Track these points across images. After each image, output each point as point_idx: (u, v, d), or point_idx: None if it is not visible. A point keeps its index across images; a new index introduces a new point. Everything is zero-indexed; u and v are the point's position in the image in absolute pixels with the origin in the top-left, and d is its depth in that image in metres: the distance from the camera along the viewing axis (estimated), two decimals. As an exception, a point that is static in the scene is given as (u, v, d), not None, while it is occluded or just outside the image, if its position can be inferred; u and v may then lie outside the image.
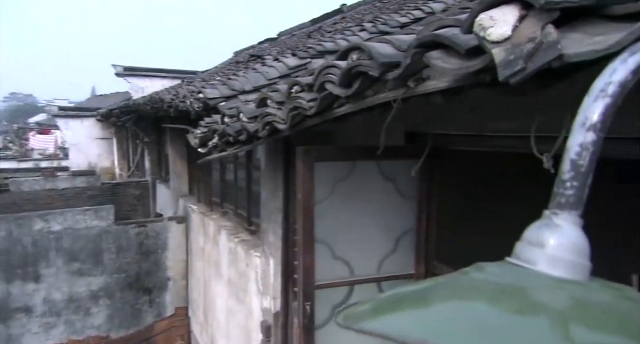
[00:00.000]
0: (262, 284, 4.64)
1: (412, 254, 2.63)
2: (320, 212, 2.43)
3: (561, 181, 0.46)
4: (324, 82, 1.79)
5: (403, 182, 2.56)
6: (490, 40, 0.95)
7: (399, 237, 2.59)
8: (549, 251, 0.44)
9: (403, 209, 2.58)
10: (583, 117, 0.47)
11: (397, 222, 2.58)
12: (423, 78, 1.43)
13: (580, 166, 0.45)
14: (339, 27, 6.19)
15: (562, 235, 0.45)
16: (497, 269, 0.47)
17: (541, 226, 0.47)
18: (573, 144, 0.46)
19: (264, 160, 4.34)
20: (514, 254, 0.48)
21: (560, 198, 0.46)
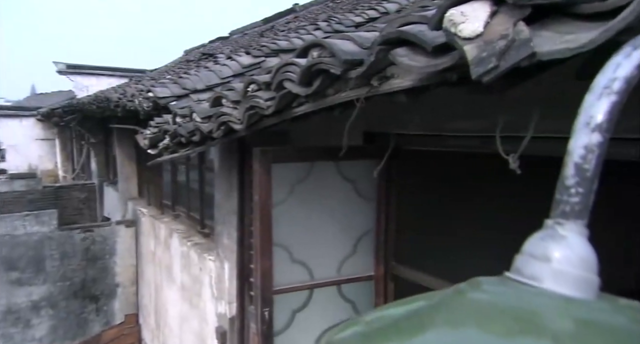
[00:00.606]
0: (216, 289, 4.51)
1: (371, 256, 2.60)
2: (278, 215, 2.36)
3: (564, 187, 0.42)
4: (282, 81, 1.73)
5: (362, 182, 2.53)
6: (461, 37, 0.92)
7: (359, 238, 2.56)
8: (556, 265, 0.40)
9: (362, 210, 2.55)
10: (586, 117, 0.43)
11: (357, 224, 2.55)
12: (387, 76, 1.39)
13: (585, 170, 0.41)
14: (292, 26, 6.12)
15: (569, 248, 0.40)
16: (498, 288, 0.42)
17: (545, 238, 0.42)
18: (576, 146, 0.42)
19: (218, 161, 4.21)
20: (515, 269, 0.43)
21: (564, 206, 0.41)
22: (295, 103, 1.80)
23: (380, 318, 0.44)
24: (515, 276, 0.42)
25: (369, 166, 2.53)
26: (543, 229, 0.44)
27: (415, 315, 0.41)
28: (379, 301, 2.64)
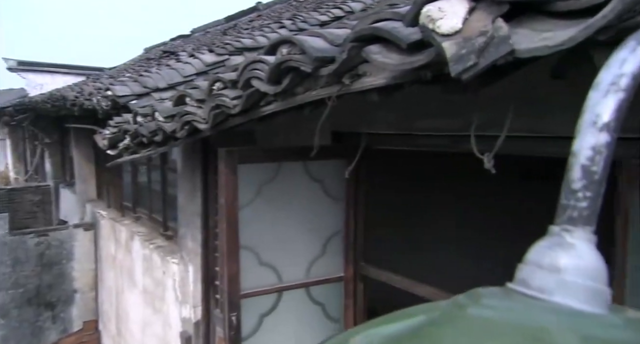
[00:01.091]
0: (180, 293, 4.39)
1: (340, 257, 2.57)
2: (245, 217, 2.29)
3: (571, 190, 0.38)
4: (249, 79, 1.67)
5: (331, 183, 2.49)
6: (439, 33, 0.89)
7: (327, 239, 2.52)
8: (566, 277, 0.37)
9: (331, 210, 2.51)
10: (592, 116, 0.40)
11: (325, 225, 2.51)
12: (359, 74, 1.35)
13: (593, 173, 0.38)
14: (256, 24, 6.03)
15: (579, 257, 0.37)
16: (502, 302, 0.39)
17: (552, 246, 0.39)
18: (583, 147, 0.39)
19: (181, 162, 4.09)
20: (519, 280, 0.40)
21: (571, 212, 0.38)
22: (263, 102, 1.74)
23: (374, 336, 0.40)
24: (520, 288, 0.39)
25: (338, 166, 2.50)
26: (548, 236, 0.40)
27: (414, 335, 0.37)
28: (348, 302, 2.61)
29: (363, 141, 2.05)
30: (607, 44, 0.91)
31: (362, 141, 2.06)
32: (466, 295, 0.42)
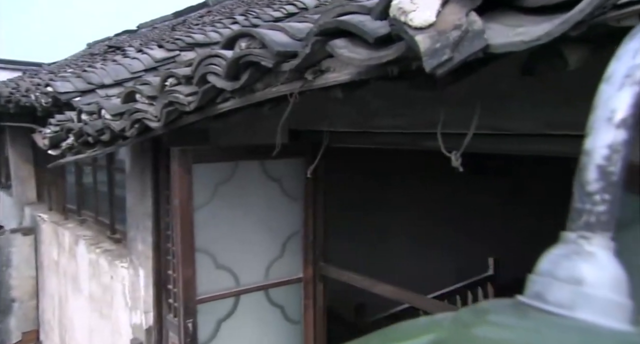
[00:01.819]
0: (130, 298, 4.20)
1: (299, 257, 2.52)
2: (200, 219, 2.20)
3: (586, 193, 0.35)
4: (205, 74, 1.59)
5: (289, 182, 2.44)
6: (412, 26, 0.85)
7: (286, 240, 2.46)
8: (589, 289, 0.33)
9: (289, 210, 2.46)
10: (607, 111, 0.36)
11: (284, 225, 2.45)
12: (322, 70, 1.30)
13: (610, 173, 0.34)
14: (207, 20, 5.87)
15: (600, 267, 0.34)
16: (516, 320, 0.35)
17: (569, 255, 0.35)
18: (598, 145, 0.36)
19: (129, 161, 3.91)
20: (532, 293, 0.36)
21: (588, 216, 0.35)
22: (220, 99, 1.66)
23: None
24: (534, 303, 0.35)
25: (296, 165, 2.45)
26: (563, 243, 0.37)
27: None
28: (308, 303, 2.56)
29: (325, 139, 2.01)
30: (577, 40, 0.91)
31: (324, 139, 2.02)
32: (470, 311, 0.38)
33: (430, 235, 5.04)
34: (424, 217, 4.95)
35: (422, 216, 4.92)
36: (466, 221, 5.47)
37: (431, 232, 5.05)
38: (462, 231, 5.44)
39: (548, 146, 1.62)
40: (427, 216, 5.00)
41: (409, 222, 4.76)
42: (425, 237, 5.01)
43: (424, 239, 5.00)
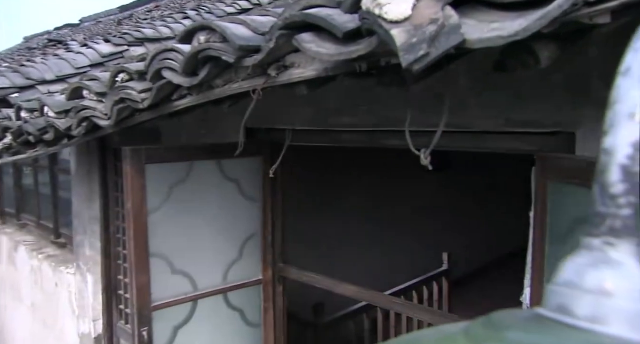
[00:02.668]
0: (78, 306, 4.00)
1: (258, 259, 2.46)
2: (155, 222, 2.10)
3: (610, 196, 0.32)
4: (160, 70, 1.50)
5: (246, 182, 2.37)
6: (387, 20, 0.82)
7: (245, 242, 2.40)
8: (619, 301, 0.30)
9: (248, 211, 2.39)
10: (628, 107, 0.34)
11: (242, 226, 2.38)
12: (286, 66, 1.26)
13: (635, 174, 0.32)
14: (155, 15, 5.67)
15: (630, 276, 0.31)
16: (540, 336, 0.31)
17: (595, 263, 0.32)
18: (620, 144, 0.33)
19: (75, 162, 3.71)
20: (555, 306, 0.33)
21: (613, 221, 0.32)
22: (176, 95, 1.58)
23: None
24: (558, 316, 0.32)
25: (253, 164, 2.39)
26: (585, 250, 0.34)
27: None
28: (267, 305, 2.51)
29: (288, 137, 1.96)
30: (547, 37, 0.91)
31: (286, 137, 1.96)
32: (484, 325, 0.35)
33: (392, 233, 5.09)
34: (384, 215, 4.99)
35: (383, 215, 4.95)
36: (420, 217, 5.57)
37: (392, 230, 5.10)
38: (416, 227, 5.53)
39: (508, 144, 1.65)
40: (389, 215, 5.04)
41: (364, 220, 4.77)
42: (387, 235, 5.05)
43: (385, 237, 5.04)
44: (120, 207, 3.06)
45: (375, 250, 4.93)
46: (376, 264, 4.88)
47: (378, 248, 4.97)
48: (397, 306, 2.51)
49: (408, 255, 5.39)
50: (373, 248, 4.90)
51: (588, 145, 1.44)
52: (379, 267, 4.90)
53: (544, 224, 1.49)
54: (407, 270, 5.16)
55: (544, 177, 1.47)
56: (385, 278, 4.54)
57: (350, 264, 4.45)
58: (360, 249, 4.77)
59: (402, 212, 5.31)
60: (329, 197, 4.55)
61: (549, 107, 1.50)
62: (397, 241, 5.25)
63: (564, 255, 0.33)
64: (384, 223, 5.05)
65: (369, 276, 4.47)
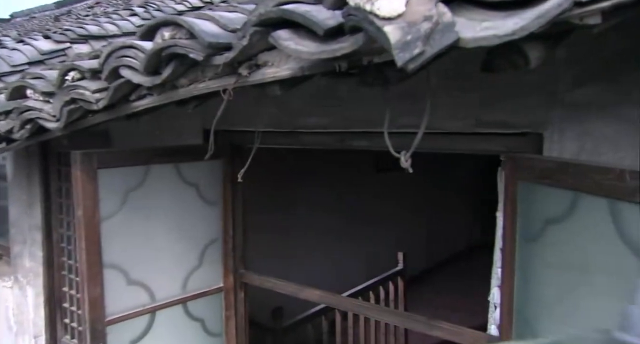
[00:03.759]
0: (16, 321, 3.73)
1: (219, 266, 2.37)
2: (108, 230, 1.97)
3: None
4: (118, 68, 1.40)
5: (206, 186, 2.27)
6: (379, 16, 0.78)
7: (205, 248, 2.30)
8: None
9: (207, 216, 2.29)
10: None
11: (202, 232, 2.28)
12: (258, 64, 1.19)
13: None
14: (98, 11, 5.40)
15: None
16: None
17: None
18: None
19: (11, 167, 3.46)
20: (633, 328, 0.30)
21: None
22: (135, 95, 1.47)
23: None
24: None
25: (212, 167, 2.30)
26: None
27: None
28: (229, 313, 2.42)
29: (257, 139, 1.87)
30: (537, 36, 0.89)
31: (255, 139, 1.87)
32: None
33: (340, 232, 5.07)
34: (348, 217, 4.97)
35: (346, 217, 4.93)
36: (376, 216, 5.60)
37: (341, 229, 5.09)
38: (372, 226, 5.56)
39: (477, 144, 1.65)
40: (353, 216, 5.03)
41: (319, 221, 4.74)
42: (351, 237, 5.04)
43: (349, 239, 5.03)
44: (65, 214, 2.87)
45: (330, 250, 4.91)
46: (331, 265, 4.86)
47: (334, 248, 4.95)
48: (357, 308, 2.49)
49: (364, 255, 5.41)
50: (328, 249, 4.87)
51: (555, 145, 1.46)
52: (334, 268, 4.88)
53: (514, 224, 1.50)
54: (363, 270, 5.18)
55: (514, 177, 1.48)
56: (341, 278, 4.54)
57: (306, 266, 4.41)
58: (316, 250, 4.73)
59: (357, 212, 5.32)
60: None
61: (518, 109, 1.52)
62: (353, 241, 5.26)
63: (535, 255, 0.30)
64: (340, 224, 5.04)
65: (326, 276, 4.45)
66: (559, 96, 1.44)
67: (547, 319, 1.40)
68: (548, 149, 1.47)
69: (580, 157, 1.42)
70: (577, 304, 1.29)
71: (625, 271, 1.13)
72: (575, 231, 1.27)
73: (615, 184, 1.11)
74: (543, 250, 1.39)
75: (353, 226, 5.23)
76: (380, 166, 5.78)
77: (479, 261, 7.50)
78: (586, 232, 1.24)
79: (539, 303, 1.42)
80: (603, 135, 1.38)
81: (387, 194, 5.87)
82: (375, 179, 5.74)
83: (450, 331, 1.80)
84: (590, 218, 1.21)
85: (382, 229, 5.76)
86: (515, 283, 1.52)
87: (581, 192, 1.23)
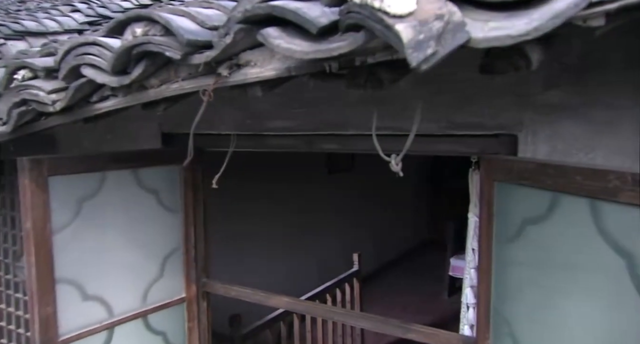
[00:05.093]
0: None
1: (181, 275, 2.26)
2: (61, 243, 1.82)
3: None
4: (79, 66, 1.28)
5: (166, 192, 2.16)
6: (390, 14, 0.74)
7: (166, 258, 2.18)
8: None
9: (168, 224, 2.18)
10: None
11: (163, 241, 2.17)
12: (239, 64, 1.13)
13: None
14: (31, 6, 5.05)
15: None
16: None
17: None
18: None
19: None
20: None
21: None
22: (97, 97, 1.36)
23: None
24: None
25: (172, 173, 2.19)
26: None
27: None
28: (192, 325, 2.31)
29: (232, 142, 1.77)
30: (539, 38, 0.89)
31: (231, 142, 1.77)
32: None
33: (292, 234, 5.03)
34: (285, 217, 4.90)
35: (284, 217, 4.86)
36: (327, 218, 5.60)
37: (293, 231, 5.04)
38: (324, 228, 5.55)
39: (449, 146, 1.65)
40: (289, 217, 4.96)
41: (270, 224, 4.66)
42: (288, 237, 4.98)
43: (286, 239, 4.96)
44: (8, 227, 2.65)
45: (282, 253, 4.84)
46: (283, 268, 4.81)
47: (286, 251, 4.90)
48: (328, 313, 2.45)
49: (317, 256, 5.40)
50: (281, 252, 4.81)
51: (529, 147, 1.49)
52: (287, 270, 4.83)
53: (491, 224, 1.51)
54: (316, 272, 5.16)
55: (490, 178, 1.49)
56: (294, 280, 4.50)
57: (257, 271, 4.32)
58: (268, 254, 4.65)
59: (310, 214, 5.30)
60: (234, 202, 4.40)
61: (491, 110, 1.53)
62: (305, 243, 5.22)
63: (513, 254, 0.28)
64: (292, 225, 4.99)
65: (278, 280, 4.39)
66: (531, 98, 1.47)
67: (526, 317, 1.42)
68: (522, 150, 1.49)
69: (552, 158, 1.45)
70: (557, 302, 1.31)
71: (606, 269, 1.16)
72: (555, 230, 1.29)
73: (598, 184, 1.13)
74: (522, 250, 1.40)
75: (305, 228, 5.20)
76: (331, 167, 5.78)
77: (427, 257, 7.69)
78: (567, 232, 1.26)
79: (518, 302, 1.44)
80: (574, 136, 1.41)
81: (339, 195, 5.89)
82: (327, 181, 5.73)
83: (425, 333, 1.79)
84: (571, 218, 1.24)
85: (334, 230, 5.77)
86: (493, 283, 1.53)
87: (562, 193, 1.25)
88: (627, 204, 1.08)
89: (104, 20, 3.46)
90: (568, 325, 1.29)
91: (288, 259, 4.98)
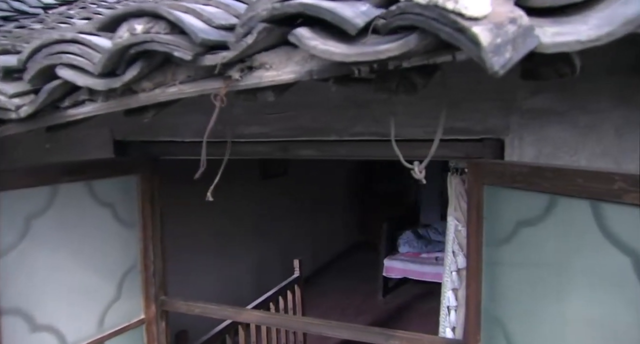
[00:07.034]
0: None
1: (139, 295, 2.07)
2: (6, 268, 1.60)
3: None
4: (52, 67, 1.12)
5: (122, 205, 1.98)
6: (466, 16, 0.71)
7: (123, 277, 1.99)
8: None
9: (125, 240, 1.99)
10: None
11: (120, 258, 1.98)
12: (252, 66, 1.04)
13: None
14: None
15: None
16: None
17: None
18: None
19: None
20: None
21: None
22: (69, 101, 1.20)
23: None
24: None
25: (128, 184, 2.01)
26: None
27: None
28: (151, 348, 2.13)
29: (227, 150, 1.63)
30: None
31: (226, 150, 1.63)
32: None
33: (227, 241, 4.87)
34: (220, 224, 4.72)
35: (218, 223, 4.68)
36: (263, 223, 5.50)
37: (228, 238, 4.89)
38: (259, 234, 5.44)
39: (438, 151, 1.65)
40: (224, 223, 4.79)
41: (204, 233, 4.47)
42: (222, 244, 4.82)
43: (221, 247, 4.79)
44: None
45: (217, 261, 4.67)
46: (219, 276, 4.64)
47: (221, 259, 4.72)
48: (303, 325, 2.37)
49: (255, 264, 5.28)
50: (215, 260, 4.62)
51: (516, 150, 1.53)
52: (223, 279, 4.66)
53: (480, 227, 1.53)
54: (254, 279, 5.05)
55: (479, 182, 1.51)
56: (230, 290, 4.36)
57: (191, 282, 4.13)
58: (203, 263, 4.45)
59: (245, 220, 5.17)
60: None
61: (477, 115, 1.55)
62: (241, 250, 5.09)
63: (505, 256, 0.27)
64: (227, 232, 4.83)
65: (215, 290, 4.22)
66: (518, 103, 1.51)
67: (521, 318, 1.45)
68: (509, 154, 1.53)
69: (539, 161, 1.50)
70: (553, 301, 1.35)
71: (609, 267, 1.21)
72: (553, 232, 1.32)
73: (602, 186, 1.18)
74: (515, 251, 1.43)
75: (241, 234, 5.06)
76: (266, 172, 5.68)
77: (359, 259, 7.79)
78: (565, 233, 1.30)
79: (512, 303, 1.47)
80: (560, 140, 1.47)
81: (274, 201, 5.80)
82: (262, 186, 5.63)
83: (408, 338, 1.78)
84: (571, 219, 1.28)
85: (270, 235, 5.67)
86: (484, 285, 1.55)
87: (560, 195, 1.29)
88: (631, 205, 1.13)
89: (22, 16, 3.14)
90: (566, 324, 1.33)
91: (221, 268, 4.80)
